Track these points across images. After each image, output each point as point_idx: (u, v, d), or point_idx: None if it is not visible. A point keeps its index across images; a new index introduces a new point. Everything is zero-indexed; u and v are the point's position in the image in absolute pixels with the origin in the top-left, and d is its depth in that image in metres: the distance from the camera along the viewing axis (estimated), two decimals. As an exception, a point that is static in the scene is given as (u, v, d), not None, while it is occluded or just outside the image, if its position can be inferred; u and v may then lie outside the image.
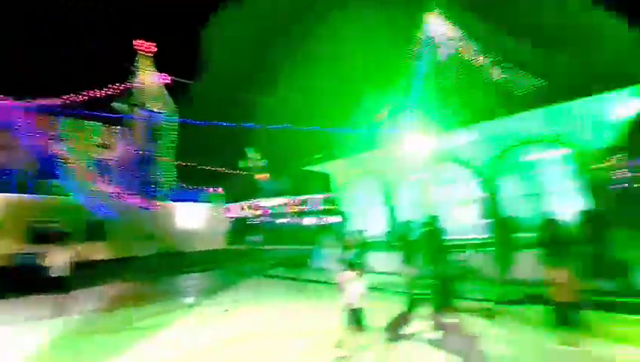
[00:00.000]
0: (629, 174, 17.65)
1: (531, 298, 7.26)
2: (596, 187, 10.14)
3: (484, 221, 12.35)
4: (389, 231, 13.23)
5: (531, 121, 10.95)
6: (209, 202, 24.34)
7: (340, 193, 16.01)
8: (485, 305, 7.14)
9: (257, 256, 22.02)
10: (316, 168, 17.72)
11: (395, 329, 6.35)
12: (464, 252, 9.10)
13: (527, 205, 12.00)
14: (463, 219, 14.39)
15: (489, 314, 6.66)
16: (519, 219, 11.43)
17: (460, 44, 14.19)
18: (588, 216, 8.44)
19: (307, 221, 33.09)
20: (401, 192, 13.56)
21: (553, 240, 8.31)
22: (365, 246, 12.20)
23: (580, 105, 10.08)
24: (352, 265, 5.38)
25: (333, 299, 6.31)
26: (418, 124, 11.76)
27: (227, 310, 8.34)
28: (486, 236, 11.36)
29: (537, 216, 9.34)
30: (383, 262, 10.90)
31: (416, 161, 12.02)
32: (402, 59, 15.82)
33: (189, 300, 9.82)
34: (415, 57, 15.36)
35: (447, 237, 7.84)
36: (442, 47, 14.87)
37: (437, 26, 15.19)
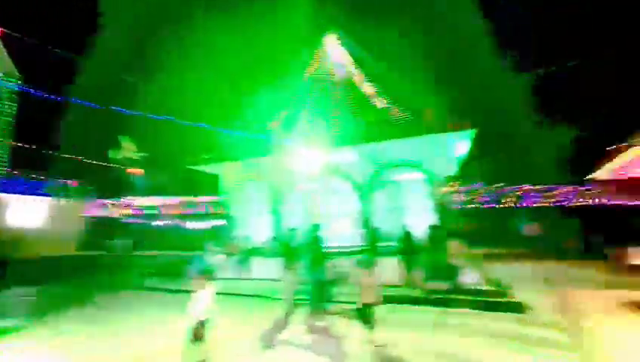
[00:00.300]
0: (463, 197, 22.71)
1: (387, 298, 8.55)
2: (441, 206, 12.71)
3: (359, 231, 13.95)
4: (273, 238, 13.52)
5: (400, 147, 13.03)
6: (62, 196, 20.02)
7: (227, 196, 15.55)
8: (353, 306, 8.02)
9: (126, 264, 19.00)
10: (204, 168, 16.80)
11: (271, 334, 6.56)
12: (341, 258, 10.06)
13: (393, 218, 14.15)
14: (343, 229, 15.90)
15: (360, 316, 7.52)
16: (386, 230, 13.39)
17: (352, 70, 15.87)
18: (433, 230, 10.52)
19: (190, 224, 30.61)
20: (288, 200, 14.10)
21: (408, 248, 10.07)
22: (250, 252, 12.16)
23: (435, 140, 12.55)
24: (203, 272, 5.05)
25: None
26: (309, 137, 12.57)
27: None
28: (360, 244, 12.84)
29: (398, 227, 11.08)
30: (266, 268, 11.07)
31: (305, 172, 12.77)
32: (299, 73, 16.72)
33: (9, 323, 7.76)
34: (312, 74, 16.43)
35: (327, 245, 8.56)
36: (336, 69, 16.32)
37: (334, 49, 16.61)
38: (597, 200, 23.39)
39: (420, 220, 11.90)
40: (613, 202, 22.89)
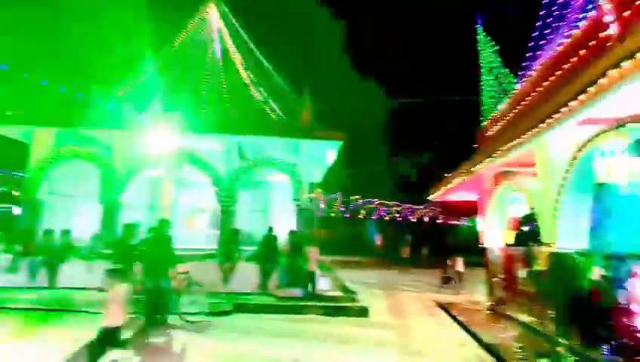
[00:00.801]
0: (324, 205, 24.50)
1: (240, 307, 8.06)
2: (304, 212, 13.08)
3: (215, 231, 12.93)
4: (97, 235, 11.01)
5: (273, 146, 12.83)
6: None
7: (37, 174, 11.78)
8: (197, 318, 7.16)
9: None
10: (5, 131, 12.40)
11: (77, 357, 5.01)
12: (191, 262, 8.94)
13: (257, 220, 13.76)
14: (197, 228, 14.44)
15: (198, 328, 6.69)
16: (250, 232, 12.87)
17: (231, 51, 14.85)
18: (293, 235, 10.64)
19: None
20: (129, 188, 11.76)
21: (267, 253, 9.86)
22: (63, 251, 9.48)
23: (307, 145, 12.89)
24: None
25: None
26: (166, 115, 10.90)
27: None
28: (214, 247, 11.86)
29: (263, 231, 10.76)
30: (85, 273, 8.82)
31: (155, 156, 10.98)
32: (167, 38, 14.56)
33: None
34: (182, 42, 14.54)
35: (175, 246, 7.39)
36: (213, 44, 14.95)
37: (214, 21, 15.20)
38: (429, 218, 29.33)
39: (285, 225, 11.90)
40: (440, 220, 29.09)
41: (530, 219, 8.50)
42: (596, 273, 5.41)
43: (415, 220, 28.67)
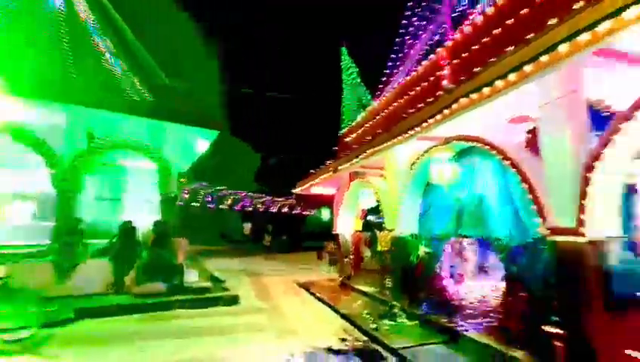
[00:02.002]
0: (188, 195, 22.15)
1: (85, 312, 6.32)
2: (168, 201, 11.40)
3: (46, 223, 9.78)
4: None
5: (133, 125, 10.61)
6: None
7: None
8: (23, 334, 5.19)
9: None
10: None
11: None
12: (8, 263, 6.39)
13: (107, 209, 11.13)
14: (16, 219, 10.58)
15: (25, 347, 4.86)
16: (93, 222, 10.24)
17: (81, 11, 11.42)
18: (158, 226, 9.13)
19: None
20: None
21: (123, 247, 8.10)
22: None
23: (176, 130, 11.25)
24: None
25: None
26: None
27: None
28: (44, 242, 8.94)
29: (116, 222, 8.75)
30: None
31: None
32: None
33: None
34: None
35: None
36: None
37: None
38: (288, 208, 30.41)
39: (144, 215, 10.05)
40: (296, 211, 30.50)
41: (376, 210, 9.93)
42: (422, 251, 6.76)
43: (275, 210, 29.44)
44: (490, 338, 4.81)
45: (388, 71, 8.50)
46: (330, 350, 5.11)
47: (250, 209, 27.54)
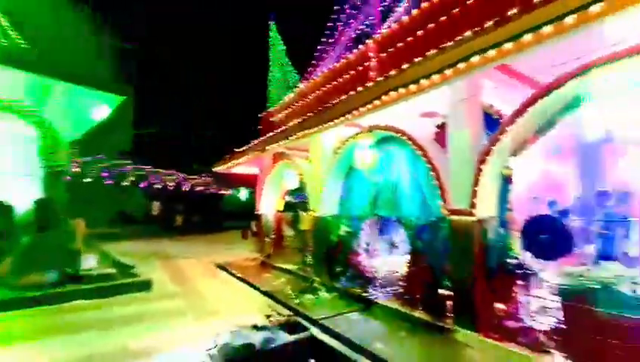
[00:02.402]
0: (77, 169, 18.77)
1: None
2: (54, 175, 9.52)
3: None
4: None
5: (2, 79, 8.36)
6: None
7: None
8: None
9: None
10: None
11: None
12: None
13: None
14: None
15: None
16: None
17: None
18: (41, 205, 7.64)
19: None
20: None
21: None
22: None
23: (68, 91, 9.32)
24: None
25: None
26: None
27: None
28: None
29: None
30: None
31: None
32: None
33: None
34: None
35: None
36: None
37: None
38: (202, 187, 28.42)
39: (20, 191, 8.20)
40: (212, 190, 28.73)
41: (299, 191, 10.16)
42: (343, 230, 7.28)
43: (188, 189, 27.30)
44: (397, 303, 5.59)
45: (317, 54, 8.58)
46: (255, 326, 5.19)
47: (159, 187, 24.91)
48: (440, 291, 4.93)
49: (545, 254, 3.85)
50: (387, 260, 6.51)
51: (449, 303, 4.71)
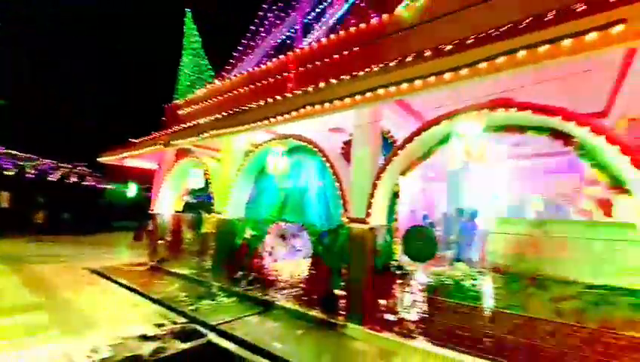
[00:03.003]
0: None
1: None
2: None
3: None
4: None
5: None
6: None
7: None
8: None
9: None
10: None
11: None
12: None
13: None
14: None
15: None
16: None
17: None
18: None
19: None
20: None
21: None
22: None
23: None
24: None
25: None
26: None
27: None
28: None
29: None
30: None
31: None
32: None
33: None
34: None
35: None
36: None
37: None
38: (77, 177, 23.62)
39: None
40: (96, 184, 24.21)
41: (203, 191, 9.62)
42: (249, 233, 7.26)
43: (56, 179, 22.36)
44: (296, 304, 5.89)
45: (237, 54, 8.44)
46: (144, 337, 4.73)
47: (12, 173, 19.71)
48: (335, 291, 5.45)
49: (418, 257, 4.72)
50: (290, 263, 6.78)
51: (343, 302, 5.25)
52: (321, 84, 4.52)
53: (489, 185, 9.43)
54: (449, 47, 3.39)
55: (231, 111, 6.26)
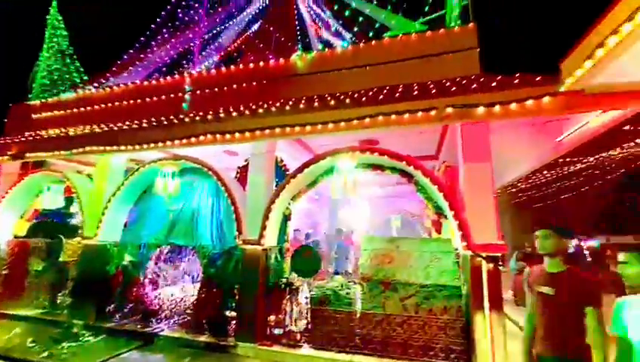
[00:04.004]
0: None
1: None
2: None
3: None
4: None
5: None
6: None
7: None
8: None
9: None
10: None
11: None
12: None
13: None
14: None
15: None
16: None
17: None
18: None
19: None
20: None
21: None
22: None
23: None
24: None
25: None
26: None
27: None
28: None
29: None
30: None
31: None
32: None
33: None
34: None
35: None
36: None
37: None
38: None
39: None
40: None
41: (58, 212, 8.09)
42: (127, 259, 6.55)
43: None
44: (182, 331, 5.68)
45: (121, 61, 7.72)
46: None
47: None
48: (226, 312, 5.56)
49: (305, 273, 5.39)
50: (178, 289, 6.47)
51: (233, 323, 5.41)
52: (222, 114, 4.83)
53: (361, 208, 11.21)
54: (332, 102, 4.31)
55: (115, 127, 5.77)
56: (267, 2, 8.19)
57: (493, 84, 3.83)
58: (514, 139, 4.97)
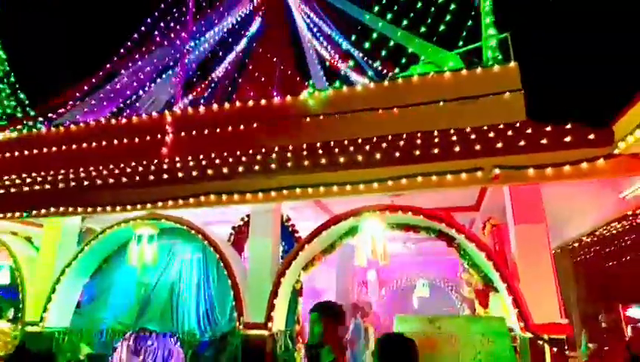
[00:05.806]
0: None
1: None
2: None
3: None
4: None
5: None
6: None
7: None
8: None
9: None
10: None
11: None
12: None
13: None
14: None
15: None
16: None
17: None
18: None
19: None
20: None
21: None
22: None
23: None
24: None
25: None
26: None
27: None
28: None
29: None
30: None
31: None
32: None
33: None
34: None
35: None
36: None
37: None
38: None
39: None
40: None
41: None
42: (83, 351, 6.95)
43: None
44: None
45: (78, 87, 8.51)
46: None
47: None
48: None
49: None
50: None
51: None
52: (225, 170, 5.65)
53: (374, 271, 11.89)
54: (360, 157, 5.22)
55: (78, 178, 6.47)
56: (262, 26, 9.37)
57: (544, 140, 4.79)
58: (572, 192, 5.90)
